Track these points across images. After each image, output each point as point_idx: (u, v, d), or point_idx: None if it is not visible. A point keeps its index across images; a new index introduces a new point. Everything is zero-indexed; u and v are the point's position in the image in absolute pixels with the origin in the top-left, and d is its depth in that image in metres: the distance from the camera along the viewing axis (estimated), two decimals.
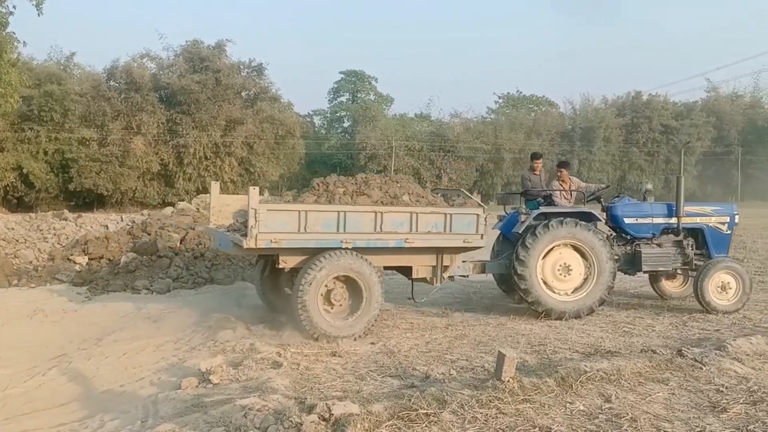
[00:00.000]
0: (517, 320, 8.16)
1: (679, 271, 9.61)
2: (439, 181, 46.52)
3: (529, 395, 4.76)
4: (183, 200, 24.87)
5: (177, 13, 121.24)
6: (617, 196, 9.69)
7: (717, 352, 6.03)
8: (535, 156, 10.21)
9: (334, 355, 6.28)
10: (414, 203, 7.52)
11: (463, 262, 8.40)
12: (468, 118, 51.95)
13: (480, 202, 7.90)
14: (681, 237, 9.22)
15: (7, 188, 31.20)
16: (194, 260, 11.05)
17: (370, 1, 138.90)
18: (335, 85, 66.37)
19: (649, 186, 9.74)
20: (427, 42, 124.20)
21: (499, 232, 9.50)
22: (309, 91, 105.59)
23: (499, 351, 5.08)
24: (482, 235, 7.65)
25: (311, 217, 6.90)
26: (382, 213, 7.17)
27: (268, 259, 8.04)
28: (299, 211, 6.91)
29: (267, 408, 4.34)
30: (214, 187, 8.40)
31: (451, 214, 7.48)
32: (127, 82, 34.04)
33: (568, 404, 4.70)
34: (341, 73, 66.25)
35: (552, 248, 8.46)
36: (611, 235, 9.26)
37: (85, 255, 11.68)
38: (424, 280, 8.02)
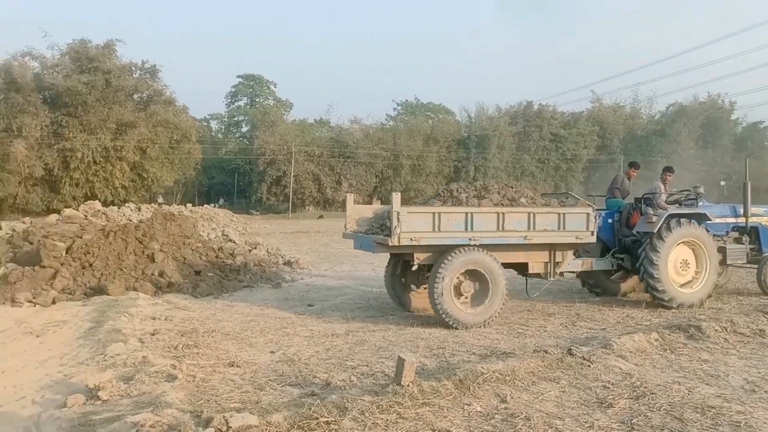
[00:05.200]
0: (417, 325, 8.27)
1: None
2: (339, 187, 46.59)
3: (429, 399, 4.83)
4: (70, 207, 23.53)
5: (64, 12, 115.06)
6: (692, 198, 10.29)
7: (603, 350, 6.35)
8: (633, 164, 11.33)
9: (232, 366, 6.11)
10: (530, 205, 8.50)
11: (574, 259, 9.20)
12: (367, 125, 52.46)
13: (589, 203, 8.99)
14: (744, 234, 10.51)
15: None
16: (82, 270, 10.47)
17: (267, 6, 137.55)
18: (233, 89, 65.35)
19: (701, 189, 10.37)
20: (326, 48, 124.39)
21: None
22: (205, 95, 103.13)
23: (398, 356, 5.12)
24: (593, 231, 8.59)
25: (444, 218, 7.94)
26: (504, 213, 8.18)
27: (398, 259, 9.08)
28: (433, 212, 7.97)
29: (161, 424, 4.16)
30: (350, 198, 9.32)
31: (564, 214, 8.47)
32: (7, 82, 31.90)
33: (465, 406, 4.79)
34: (239, 77, 65.36)
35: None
36: None
37: None
38: (538, 275, 8.95)
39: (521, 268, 9.04)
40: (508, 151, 51.64)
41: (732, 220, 10.57)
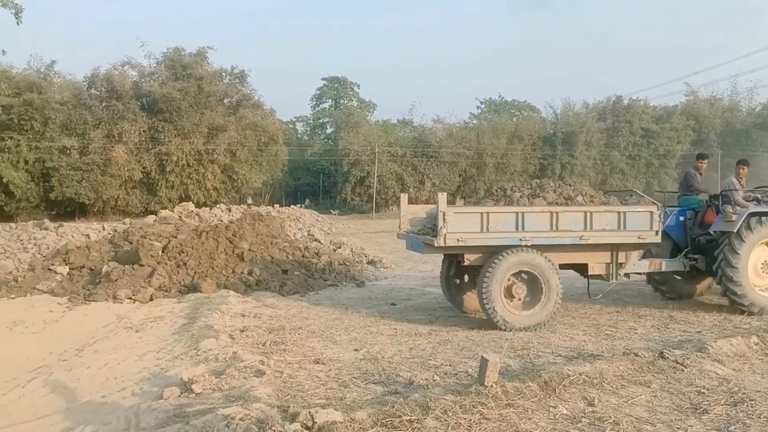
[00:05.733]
0: None
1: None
2: (422, 187, 46.63)
3: (513, 400, 4.77)
4: (165, 208, 24.68)
5: (157, 21, 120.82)
6: None
7: (698, 353, 6.08)
8: (701, 156, 10.64)
9: (318, 363, 6.25)
10: (588, 203, 8.18)
11: (639, 260, 8.76)
12: (450, 124, 52.03)
13: (654, 201, 8.45)
14: None
15: None
16: (177, 269, 10.97)
17: (352, 8, 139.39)
18: (318, 92, 66.52)
19: None
20: (409, 48, 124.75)
21: None
22: (292, 98, 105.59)
23: (482, 356, 5.08)
24: (657, 231, 8.11)
25: (493, 218, 7.75)
26: (557, 213, 7.88)
27: (452, 259, 8.90)
28: (482, 212, 7.81)
29: (250, 417, 4.31)
30: (404, 198, 9.07)
31: (624, 212, 8.04)
32: (108, 90, 33.74)
33: (551, 408, 4.70)
34: (324, 79, 66.44)
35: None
36: None
37: (66, 265, 11.58)
38: (599, 277, 8.56)
39: (582, 270, 8.66)
40: (596, 148, 50.03)
41: None
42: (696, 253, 9.27)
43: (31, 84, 31.55)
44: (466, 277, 9.25)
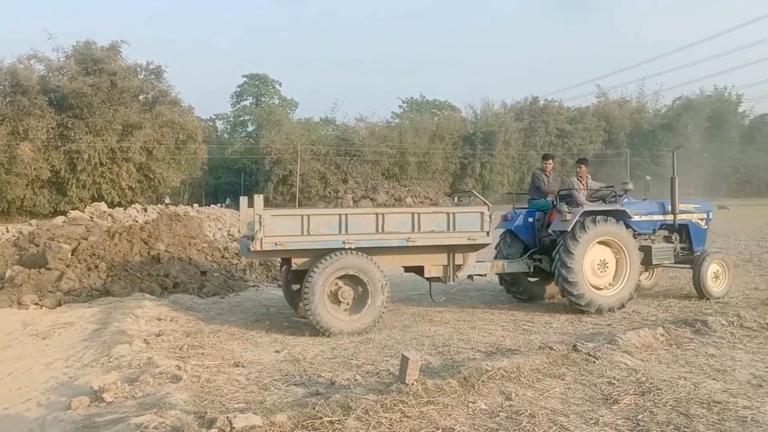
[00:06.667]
0: (423, 323, 8.25)
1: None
2: (346, 185, 46.58)
3: (433, 397, 4.81)
4: (76, 209, 23.61)
5: (67, 14, 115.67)
6: (619, 195, 9.56)
7: (609, 345, 6.32)
8: (546, 157, 10.64)
9: (237, 366, 6.11)
10: (418, 204, 7.60)
11: (479, 261, 8.69)
12: (373, 123, 52.47)
13: (485, 201, 8.34)
14: (673, 233, 9.90)
15: None
16: (88, 272, 10.50)
17: (271, 5, 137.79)
18: (238, 89, 65.37)
19: (630, 186, 9.62)
20: (330, 46, 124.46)
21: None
22: (211, 95, 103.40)
23: (402, 354, 5.10)
24: (488, 232, 7.97)
25: (314, 221, 7.45)
26: (383, 214, 7.65)
27: (289, 263, 8.28)
28: (302, 215, 7.51)
29: (164, 425, 4.16)
30: (243, 201, 8.51)
31: (454, 213, 7.88)
32: (13, 85, 32.06)
33: (470, 404, 4.77)
34: (244, 76, 65.41)
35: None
36: None
37: None
38: (438, 279, 8.36)
39: (421, 272, 8.37)
40: (514, 147, 51.55)
41: (659, 217, 9.81)
42: (542, 254, 9.33)
43: None
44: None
